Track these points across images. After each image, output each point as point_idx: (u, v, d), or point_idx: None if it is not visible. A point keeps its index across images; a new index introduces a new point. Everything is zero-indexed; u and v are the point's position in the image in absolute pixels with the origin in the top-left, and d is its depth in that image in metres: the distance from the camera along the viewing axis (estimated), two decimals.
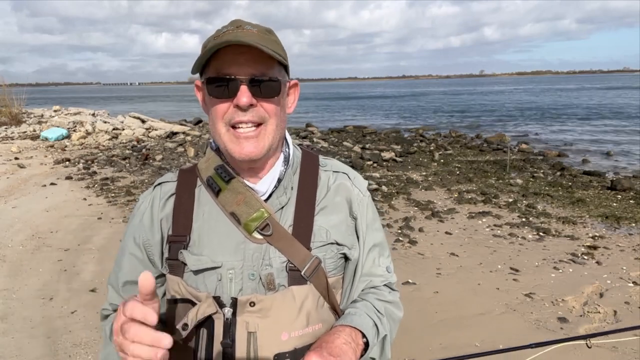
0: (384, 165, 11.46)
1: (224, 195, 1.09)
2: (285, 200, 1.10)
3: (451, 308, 4.24)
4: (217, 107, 1.03)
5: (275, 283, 1.04)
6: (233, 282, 1.04)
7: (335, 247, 1.11)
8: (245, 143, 1.03)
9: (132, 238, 1.15)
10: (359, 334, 1.04)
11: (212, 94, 1.04)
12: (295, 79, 1.16)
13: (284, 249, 1.05)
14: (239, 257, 1.05)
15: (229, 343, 1.01)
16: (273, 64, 1.03)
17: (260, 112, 1.03)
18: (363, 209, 1.17)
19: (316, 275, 1.06)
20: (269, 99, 1.03)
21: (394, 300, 1.20)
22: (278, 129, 1.07)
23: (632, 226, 6.58)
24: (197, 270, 1.06)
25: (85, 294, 4.53)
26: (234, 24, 1.05)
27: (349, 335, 1.02)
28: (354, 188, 1.18)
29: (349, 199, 1.16)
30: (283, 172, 1.12)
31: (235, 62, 1.00)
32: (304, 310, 1.04)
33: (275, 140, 1.07)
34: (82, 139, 15.58)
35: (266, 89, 1.02)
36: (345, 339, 1.00)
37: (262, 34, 1.04)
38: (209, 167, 1.13)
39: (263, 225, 1.05)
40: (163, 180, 1.19)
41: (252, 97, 1.00)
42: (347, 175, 1.19)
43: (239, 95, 1.00)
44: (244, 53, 0.99)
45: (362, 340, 1.04)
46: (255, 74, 1.00)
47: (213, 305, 1.01)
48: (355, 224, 1.16)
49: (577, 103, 38.70)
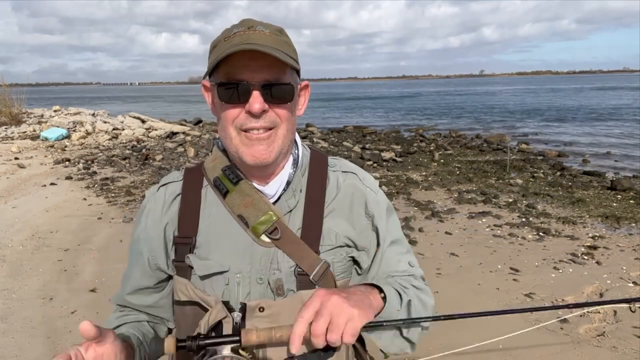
0: (384, 165, 11.46)
1: (232, 197, 1.07)
2: (294, 203, 1.08)
3: (451, 308, 4.23)
4: (228, 112, 1.01)
5: (284, 289, 1.03)
6: (241, 286, 1.03)
7: (344, 250, 1.09)
8: (258, 145, 1.00)
9: (139, 242, 1.15)
10: (375, 290, 1.00)
11: (222, 98, 1.00)
12: (306, 80, 1.13)
13: (293, 253, 1.04)
14: (246, 261, 1.04)
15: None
16: (286, 68, 0.99)
17: (273, 117, 1.00)
18: (378, 207, 1.15)
19: (325, 280, 1.05)
20: (282, 105, 1.01)
21: (422, 286, 1.14)
22: (289, 133, 1.05)
23: (632, 226, 6.57)
24: (204, 276, 1.05)
25: (85, 294, 4.53)
26: (245, 25, 1.01)
27: (363, 286, 1.00)
28: (366, 187, 1.15)
29: (361, 200, 1.14)
30: (292, 174, 1.10)
31: (248, 68, 0.97)
32: None
33: (286, 145, 1.05)
34: (82, 139, 15.57)
35: (279, 94, 0.99)
36: (357, 287, 0.98)
37: (275, 35, 1.00)
38: (215, 167, 1.11)
39: (272, 229, 1.04)
40: (168, 180, 1.17)
41: (265, 102, 0.98)
42: (357, 175, 1.17)
43: (251, 102, 0.97)
44: (256, 58, 0.95)
45: (380, 295, 1.00)
46: (269, 79, 0.97)
47: (223, 310, 1.00)
48: (373, 223, 1.13)
49: (577, 103, 38.69)
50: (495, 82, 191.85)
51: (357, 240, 1.11)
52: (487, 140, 16.33)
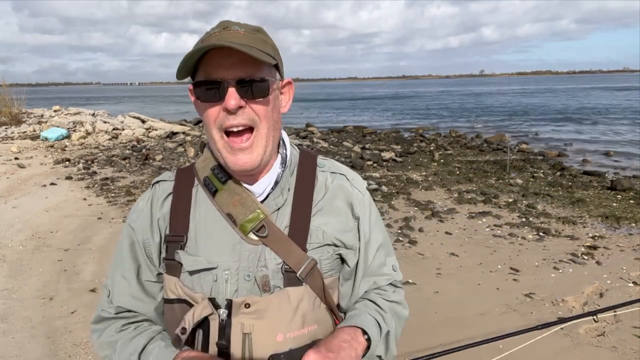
0: (384, 165, 11.46)
1: (221, 196, 1.09)
2: (281, 202, 1.10)
3: (451, 308, 4.23)
4: (208, 112, 1.03)
5: (270, 285, 1.04)
6: (229, 283, 1.04)
7: (331, 248, 1.11)
8: (240, 154, 1.02)
9: (130, 237, 1.15)
10: (359, 331, 1.05)
11: (201, 98, 1.03)
12: (294, 79, 1.15)
13: (280, 251, 1.05)
14: (234, 258, 1.06)
15: (224, 344, 1.01)
16: (261, 64, 1.01)
17: (250, 114, 1.02)
18: (365, 209, 1.17)
19: (312, 277, 1.06)
20: (259, 100, 1.02)
21: (399, 299, 1.20)
22: (271, 132, 1.06)
23: (632, 226, 6.57)
24: (193, 271, 1.06)
25: (85, 294, 4.53)
26: (221, 26, 1.04)
27: (348, 334, 1.03)
28: (354, 189, 1.17)
29: (349, 201, 1.15)
30: (280, 173, 1.12)
31: (222, 65, 0.99)
32: (300, 312, 1.04)
33: (270, 145, 1.06)
34: (82, 139, 15.57)
35: (255, 89, 1.01)
36: (343, 338, 1.01)
37: (250, 33, 1.02)
38: (205, 167, 1.13)
39: (259, 227, 1.06)
40: (161, 179, 1.19)
41: (241, 99, 0.99)
42: (345, 176, 1.18)
43: (227, 98, 0.99)
44: (229, 56, 0.98)
45: (364, 337, 1.05)
46: (243, 76, 0.99)
47: (209, 306, 1.01)
48: (358, 225, 1.15)
49: (577, 103, 38.70)
50: (495, 82, 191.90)
51: (344, 239, 1.12)
52: (487, 140, 16.34)
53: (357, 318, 1.08)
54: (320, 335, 1.07)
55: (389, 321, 1.13)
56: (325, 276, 1.10)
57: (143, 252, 1.14)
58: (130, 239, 1.15)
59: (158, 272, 1.14)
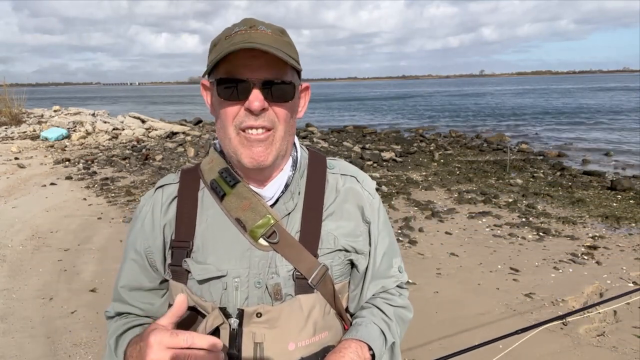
0: (384, 165, 11.46)
1: (229, 200, 1.06)
2: (292, 206, 1.07)
3: (451, 308, 4.24)
4: (227, 110, 0.99)
5: (282, 293, 1.02)
6: (239, 291, 1.02)
7: (342, 254, 1.09)
8: (257, 146, 0.99)
9: (134, 244, 1.13)
10: (365, 347, 1.03)
11: (222, 95, 0.99)
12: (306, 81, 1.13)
13: (291, 257, 1.03)
14: (244, 265, 1.03)
15: (235, 353, 0.99)
16: (287, 68, 0.99)
17: (272, 116, 0.99)
18: (375, 213, 1.15)
19: (323, 283, 1.04)
20: (282, 104, 0.99)
21: (404, 303, 1.19)
22: (287, 135, 1.03)
23: (632, 226, 6.57)
24: (203, 280, 1.03)
25: (85, 294, 4.53)
26: (247, 24, 1.00)
27: (355, 352, 1.01)
28: (364, 191, 1.15)
29: (360, 205, 1.13)
30: (291, 177, 1.09)
31: (248, 66, 0.96)
32: (311, 319, 1.02)
33: (284, 147, 1.03)
34: (82, 139, 15.58)
35: (279, 92, 0.98)
36: (350, 357, 0.99)
37: (277, 35, 1.00)
38: (212, 169, 1.10)
39: (269, 232, 1.03)
40: (165, 182, 1.15)
41: (265, 100, 0.96)
42: (356, 178, 1.16)
43: (251, 99, 0.95)
44: (257, 57, 0.95)
45: (369, 352, 1.03)
46: (269, 77, 0.96)
47: (220, 316, 0.99)
48: (369, 229, 1.14)
49: (577, 103, 38.70)
50: (495, 82, 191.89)
51: (355, 244, 1.10)
52: (487, 140, 16.35)
53: (363, 329, 1.06)
54: (330, 342, 1.05)
55: (394, 330, 1.11)
56: (335, 282, 1.07)
57: (145, 261, 1.11)
58: (131, 248, 1.14)
59: (163, 279, 1.12)
